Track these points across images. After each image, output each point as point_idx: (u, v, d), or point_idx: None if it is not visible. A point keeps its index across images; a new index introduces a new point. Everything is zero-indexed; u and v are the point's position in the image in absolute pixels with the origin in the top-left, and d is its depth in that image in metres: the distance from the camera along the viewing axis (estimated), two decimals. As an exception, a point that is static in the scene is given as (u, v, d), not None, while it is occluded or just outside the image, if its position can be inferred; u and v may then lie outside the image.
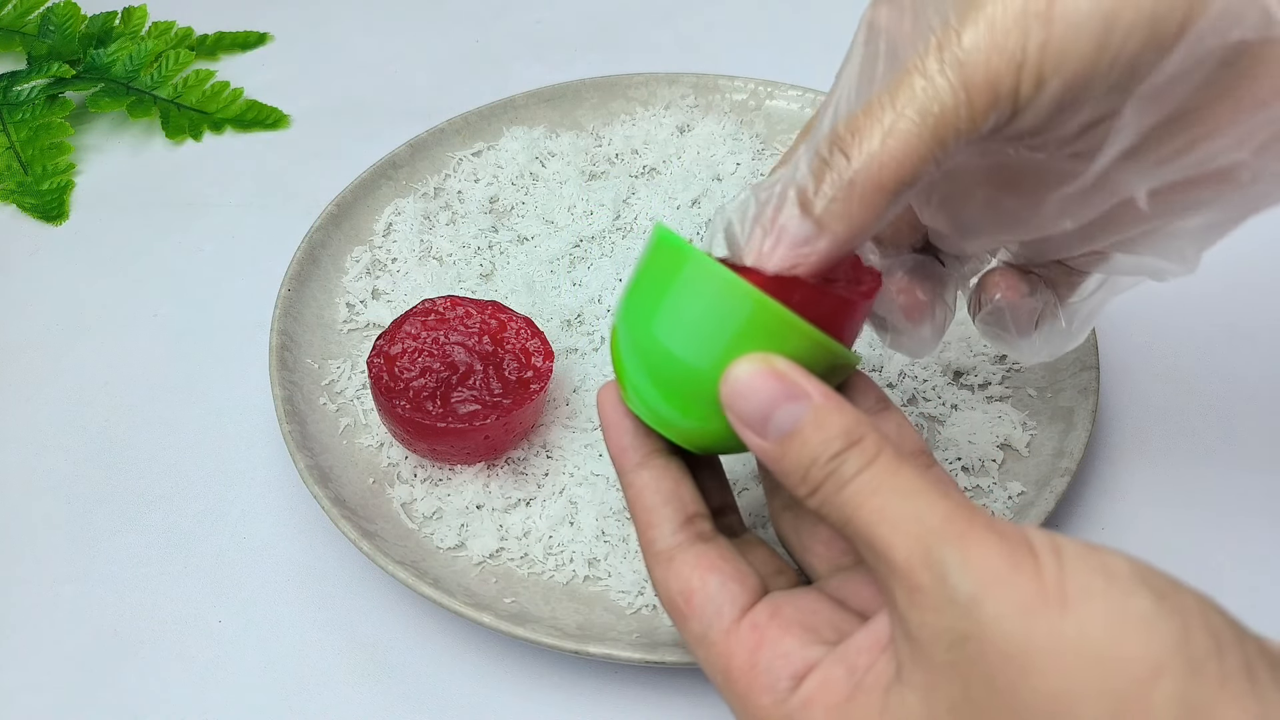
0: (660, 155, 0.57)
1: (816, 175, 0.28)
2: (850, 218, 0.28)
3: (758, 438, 0.29)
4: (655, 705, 0.40)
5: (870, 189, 0.27)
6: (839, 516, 0.27)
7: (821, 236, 0.28)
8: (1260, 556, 0.44)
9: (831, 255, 0.28)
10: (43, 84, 0.63)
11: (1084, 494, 0.46)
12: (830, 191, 0.27)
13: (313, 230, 0.51)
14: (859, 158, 0.27)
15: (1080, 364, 0.46)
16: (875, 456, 0.27)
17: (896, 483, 0.27)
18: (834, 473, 0.27)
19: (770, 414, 0.28)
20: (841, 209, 0.27)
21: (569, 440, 0.45)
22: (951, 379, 0.48)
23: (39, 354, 0.52)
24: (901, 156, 0.27)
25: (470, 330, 0.44)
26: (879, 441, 0.28)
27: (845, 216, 0.28)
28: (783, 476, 0.29)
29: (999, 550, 0.25)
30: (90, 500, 0.46)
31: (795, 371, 0.28)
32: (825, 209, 0.28)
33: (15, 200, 0.59)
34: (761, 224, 0.29)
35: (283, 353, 0.47)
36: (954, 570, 0.25)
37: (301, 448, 0.43)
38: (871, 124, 0.27)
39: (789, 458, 0.28)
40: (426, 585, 0.39)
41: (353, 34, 0.71)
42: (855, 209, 0.27)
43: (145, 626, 0.42)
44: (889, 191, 0.27)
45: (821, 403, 0.28)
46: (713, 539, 0.31)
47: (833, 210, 0.28)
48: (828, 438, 0.27)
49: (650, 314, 0.31)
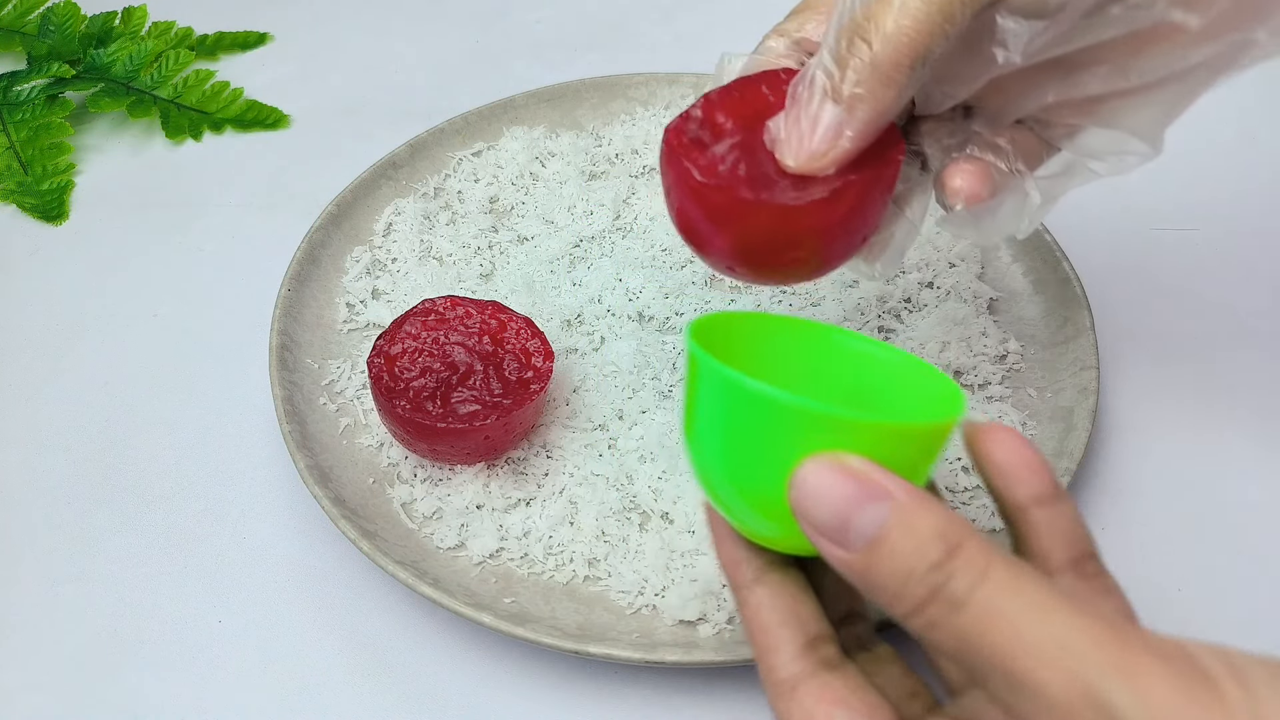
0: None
1: (840, 63, 0.29)
2: (877, 98, 0.29)
3: (838, 549, 0.26)
4: (655, 705, 0.40)
5: (891, 69, 0.29)
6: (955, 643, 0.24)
7: (853, 120, 0.29)
8: (1260, 557, 0.44)
9: (866, 137, 0.30)
10: (43, 84, 0.63)
11: (1084, 494, 0.46)
12: (855, 76, 0.29)
13: (313, 230, 0.51)
14: (878, 41, 0.28)
15: (1080, 364, 0.46)
16: (986, 567, 0.24)
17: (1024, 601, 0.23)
18: (941, 589, 0.24)
19: (849, 519, 0.25)
20: (868, 90, 0.29)
21: (569, 440, 0.45)
22: (952, 379, 0.48)
23: (39, 354, 0.52)
24: (915, 34, 0.28)
25: (470, 330, 0.44)
26: (984, 547, 0.24)
27: (872, 98, 0.29)
28: (875, 594, 0.25)
29: (1173, 683, 0.22)
30: (90, 500, 0.46)
31: (872, 469, 0.25)
32: (852, 93, 0.29)
33: (15, 200, 0.59)
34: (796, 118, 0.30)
35: (283, 353, 0.47)
36: (1126, 710, 0.22)
37: (301, 448, 0.43)
38: (885, 8, 0.28)
39: (877, 569, 0.25)
40: (426, 585, 0.39)
41: (353, 34, 0.71)
42: (880, 89, 0.29)
43: (145, 626, 0.42)
44: (907, 68, 0.29)
45: (906, 500, 0.25)
46: (839, 666, 0.28)
47: (859, 94, 0.29)
48: (920, 543, 0.24)
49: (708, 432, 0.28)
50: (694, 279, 0.51)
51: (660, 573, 0.41)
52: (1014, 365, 0.48)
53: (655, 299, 0.50)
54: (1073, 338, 0.48)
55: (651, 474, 0.44)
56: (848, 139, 0.30)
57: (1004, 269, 0.52)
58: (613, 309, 0.50)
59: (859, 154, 0.31)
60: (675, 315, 0.50)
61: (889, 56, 0.28)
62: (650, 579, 0.41)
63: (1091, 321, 0.48)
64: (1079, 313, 0.48)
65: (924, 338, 0.49)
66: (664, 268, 0.52)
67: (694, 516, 0.42)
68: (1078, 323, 0.48)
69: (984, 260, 0.53)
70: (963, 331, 0.49)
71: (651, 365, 0.48)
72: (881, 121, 0.30)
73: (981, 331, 0.49)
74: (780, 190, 0.31)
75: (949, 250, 0.52)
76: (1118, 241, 0.57)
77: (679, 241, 0.53)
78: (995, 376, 0.48)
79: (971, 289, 0.51)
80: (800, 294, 0.51)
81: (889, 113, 0.30)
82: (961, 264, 0.52)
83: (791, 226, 0.31)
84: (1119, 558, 0.44)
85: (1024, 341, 0.49)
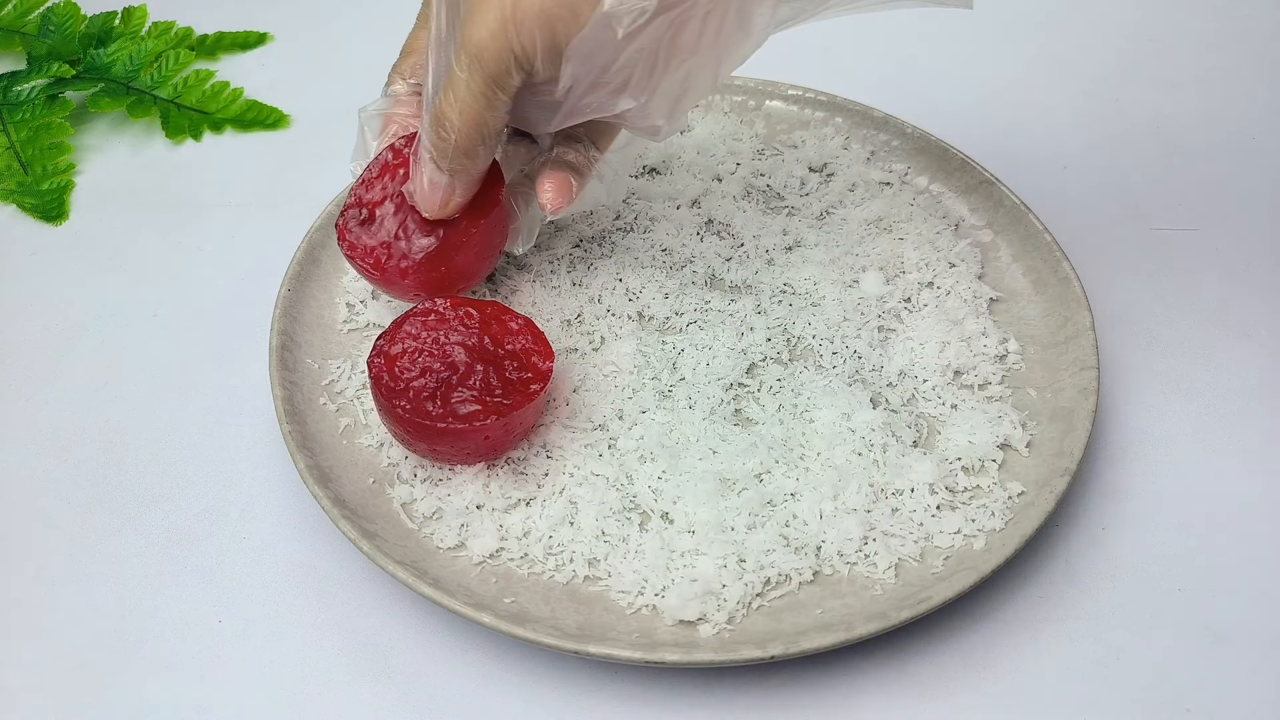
0: (660, 155, 0.57)
1: (438, 150, 0.41)
2: (468, 168, 0.42)
3: None
4: (655, 705, 0.40)
5: (470, 146, 0.40)
6: None
7: (458, 184, 0.42)
8: (1261, 557, 0.44)
9: (472, 188, 0.43)
10: (43, 84, 0.63)
11: (1084, 494, 0.46)
12: (449, 156, 0.41)
13: (313, 230, 0.51)
14: (453, 131, 0.40)
15: (1080, 364, 0.46)
16: None
17: None
18: None
19: None
20: (459, 164, 0.41)
21: (569, 440, 0.45)
22: (951, 379, 0.48)
23: (39, 354, 0.52)
24: (475, 122, 0.40)
25: (470, 330, 0.44)
26: None
27: (464, 169, 0.42)
28: None
29: None
30: (90, 500, 0.46)
31: None
32: (450, 168, 0.41)
33: (15, 200, 0.59)
34: (421, 183, 0.42)
35: (283, 353, 0.47)
36: None
37: (301, 448, 0.43)
38: (449, 106, 0.39)
39: None
40: (426, 585, 0.39)
41: (353, 34, 0.71)
42: (468, 161, 0.41)
43: (145, 626, 0.42)
44: (481, 143, 0.41)
45: None
46: None
47: (455, 168, 0.41)
48: None
49: None
50: (694, 279, 0.51)
51: (660, 573, 0.41)
52: (1014, 365, 0.49)
53: (655, 299, 0.50)
54: (1073, 338, 0.48)
55: (651, 474, 0.44)
56: (459, 194, 0.43)
57: (1004, 269, 0.52)
58: (613, 309, 0.50)
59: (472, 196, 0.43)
60: (675, 315, 0.50)
61: (465, 141, 0.40)
62: (650, 579, 0.41)
63: (1091, 321, 0.48)
64: (1079, 313, 0.48)
65: (924, 338, 0.49)
66: (664, 268, 0.52)
67: (694, 516, 0.42)
68: (1078, 323, 0.48)
69: (984, 260, 0.53)
70: (963, 331, 0.49)
71: (651, 365, 0.48)
72: (479, 175, 0.42)
73: (981, 331, 0.49)
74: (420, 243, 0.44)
75: (949, 250, 0.52)
76: (1118, 241, 0.57)
77: (679, 241, 0.53)
78: (995, 376, 0.48)
79: (971, 289, 0.51)
80: (801, 294, 0.51)
81: (481, 169, 0.42)
82: (961, 264, 0.52)
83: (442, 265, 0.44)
84: (1119, 558, 0.44)
85: (1024, 341, 0.49)
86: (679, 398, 0.47)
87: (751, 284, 0.52)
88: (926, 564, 0.42)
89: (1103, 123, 0.65)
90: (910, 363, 0.48)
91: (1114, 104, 0.66)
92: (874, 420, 0.45)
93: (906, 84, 0.67)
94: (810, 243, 0.53)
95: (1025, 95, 0.66)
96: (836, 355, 0.49)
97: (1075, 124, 0.64)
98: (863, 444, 0.45)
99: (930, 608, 0.39)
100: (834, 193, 0.56)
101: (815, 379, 0.47)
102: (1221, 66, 0.68)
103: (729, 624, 0.40)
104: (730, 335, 0.49)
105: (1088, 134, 0.64)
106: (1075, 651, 0.41)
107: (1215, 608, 0.43)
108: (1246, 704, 0.40)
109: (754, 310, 0.50)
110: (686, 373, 0.48)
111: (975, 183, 0.55)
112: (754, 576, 0.41)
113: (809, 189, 0.56)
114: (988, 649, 0.41)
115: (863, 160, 0.57)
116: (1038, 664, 0.41)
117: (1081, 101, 0.66)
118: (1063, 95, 0.67)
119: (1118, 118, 0.65)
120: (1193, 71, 0.68)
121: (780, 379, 0.47)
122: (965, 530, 0.42)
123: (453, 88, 0.39)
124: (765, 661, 0.38)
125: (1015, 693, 0.40)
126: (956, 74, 0.68)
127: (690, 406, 0.46)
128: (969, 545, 0.42)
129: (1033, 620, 0.42)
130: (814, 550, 0.42)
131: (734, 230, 0.54)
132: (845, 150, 0.58)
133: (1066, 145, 0.63)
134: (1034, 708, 0.40)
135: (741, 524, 0.42)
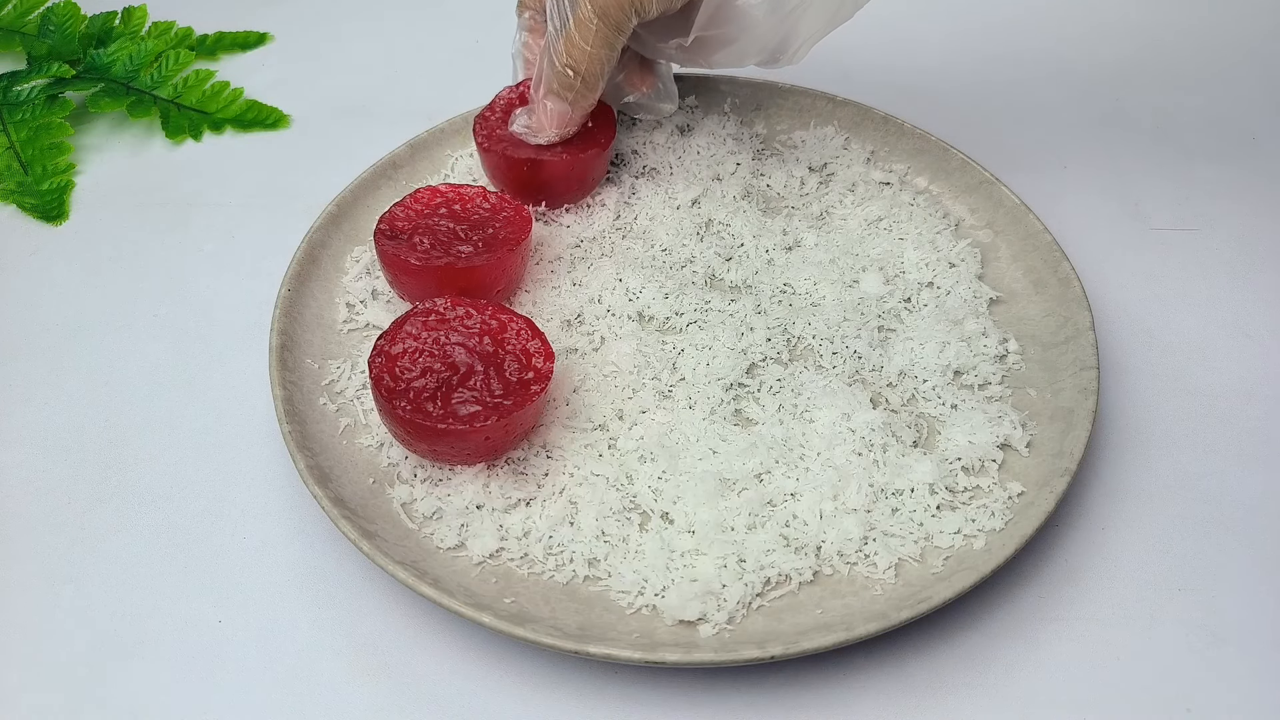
0: (660, 155, 0.57)
1: (561, 81, 0.49)
2: (587, 98, 0.50)
3: None
4: (655, 705, 0.40)
5: (594, 81, 0.49)
6: None
7: (578, 111, 0.50)
8: (1260, 557, 0.44)
9: (585, 116, 0.51)
10: (43, 84, 0.63)
11: (1084, 494, 0.46)
12: (573, 85, 0.49)
13: (313, 230, 0.51)
14: (581, 66, 0.48)
15: (1080, 364, 0.46)
16: None
17: None
18: None
19: None
20: (580, 94, 0.49)
21: (569, 440, 0.45)
22: (951, 379, 0.48)
23: (39, 354, 0.52)
24: (598, 57, 0.48)
25: (471, 331, 0.44)
26: None
27: (584, 98, 0.49)
28: None
29: None
30: (90, 500, 0.46)
31: None
32: (574, 100, 0.49)
33: (15, 200, 0.59)
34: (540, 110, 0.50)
35: (283, 353, 0.47)
36: None
37: (301, 448, 0.43)
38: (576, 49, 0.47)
39: None
40: (426, 585, 0.39)
41: (353, 34, 0.71)
42: (590, 94, 0.49)
43: (145, 626, 0.42)
44: (600, 79, 0.49)
45: None
46: None
47: (576, 98, 0.49)
48: None
49: None
50: (694, 279, 0.51)
51: (660, 573, 0.41)
52: (1014, 365, 0.49)
53: (655, 299, 0.50)
54: (1073, 338, 0.48)
55: (651, 474, 0.44)
56: (577, 120, 0.51)
57: (1004, 269, 0.52)
58: (613, 309, 0.50)
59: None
60: (675, 315, 0.50)
61: (591, 77, 0.48)
62: (650, 579, 0.41)
63: (1091, 321, 0.48)
64: (1079, 313, 0.48)
65: (924, 338, 0.49)
66: (664, 268, 0.52)
67: (694, 516, 0.42)
68: (1078, 323, 0.48)
69: (984, 260, 0.53)
70: (962, 331, 0.49)
71: (651, 365, 0.48)
72: (594, 102, 0.50)
73: (981, 331, 0.49)
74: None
75: (949, 250, 0.52)
76: (1118, 241, 0.57)
77: (679, 241, 0.53)
78: (995, 376, 0.48)
79: (971, 289, 0.51)
80: (801, 294, 0.51)
81: (596, 98, 0.50)
82: (961, 264, 0.52)
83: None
84: (1119, 557, 0.44)
85: (1024, 341, 0.49)
86: (679, 398, 0.47)
87: (751, 284, 0.52)
88: (926, 564, 0.42)
89: (1103, 123, 0.65)
90: (910, 363, 0.48)
91: (1114, 104, 0.66)
92: (874, 420, 0.45)
93: (906, 84, 0.67)
94: (810, 243, 0.53)
95: (1025, 95, 0.66)
96: (836, 355, 0.49)
97: (1075, 124, 0.65)
98: (863, 444, 0.45)
99: (930, 608, 0.39)
100: (834, 193, 0.56)
101: (815, 379, 0.47)
102: (1221, 66, 0.68)
103: (729, 624, 0.40)
104: (730, 335, 0.49)
105: (1088, 134, 0.64)
106: (1075, 651, 0.41)
107: (1215, 608, 0.43)
108: (1246, 704, 0.40)
109: (754, 310, 0.50)
110: (686, 373, 0.48)
111: (975, 183, 0.55)
112: (754, 576, 0.41)
113: (809, 189, 0.56)
114: (988, 649, 0.41)
115: (863, 160, 0.57)
116: (1038, 664, 0.41)
117: (1081, 101, 0.66)
118: (1063, 95, 0.67)
119: (1118, 118, 0.65)
120: (1193, 71, 0.68)
121: (780, 379, 0.47)
122: (965, 530, 0.42)
123: (580, 32, 0.47)
124: (765, 661, 0.38)
125: (1015, 693, 0.40)
126: (956, 74, 0.68)
127: (690, 407, 0.46)
128: (969, 545, 0.42)
129: (1033, 620, 0.42)
130: (814, 550, 0.42)
131: (734, 230, 0.54)
132: (845, 150, 0.58)
133: (1066, 145, 0.63)
134: (1033, 708, 0.40)
135: (741, 524, 0.42)
